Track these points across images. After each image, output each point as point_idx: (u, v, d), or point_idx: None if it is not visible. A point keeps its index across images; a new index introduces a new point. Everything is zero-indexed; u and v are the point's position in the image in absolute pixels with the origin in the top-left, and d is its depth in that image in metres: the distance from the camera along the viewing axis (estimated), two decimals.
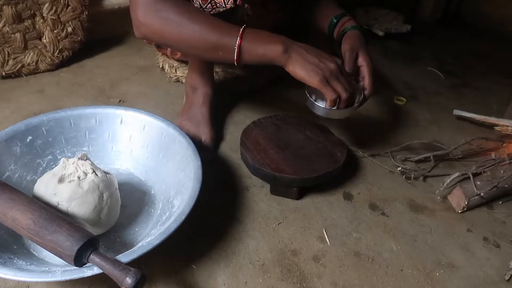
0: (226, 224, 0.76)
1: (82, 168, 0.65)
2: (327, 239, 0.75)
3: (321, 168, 0.80)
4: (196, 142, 0.81)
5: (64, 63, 1.24)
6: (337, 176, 0.84)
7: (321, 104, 0.77)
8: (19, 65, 1.16)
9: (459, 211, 0.82)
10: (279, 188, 0.82)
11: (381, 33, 1.61)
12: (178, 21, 0.68)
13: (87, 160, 0.67)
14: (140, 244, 0.59)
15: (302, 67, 0.68)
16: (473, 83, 1.38)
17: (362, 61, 0.83)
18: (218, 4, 0.73)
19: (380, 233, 0.77)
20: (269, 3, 1.05)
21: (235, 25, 0.69)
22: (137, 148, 0.83)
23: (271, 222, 0.77)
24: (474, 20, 1.89)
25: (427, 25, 1.84)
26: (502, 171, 0.85)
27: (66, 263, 0.54)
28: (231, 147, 0.96)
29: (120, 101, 1.10)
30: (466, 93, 1.31)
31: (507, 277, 0.70)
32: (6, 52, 1.13)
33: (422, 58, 1.53)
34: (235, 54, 0.68)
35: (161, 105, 1.09)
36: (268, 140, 0.87)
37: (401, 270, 0.70)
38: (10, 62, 1.15)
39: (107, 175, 0.68)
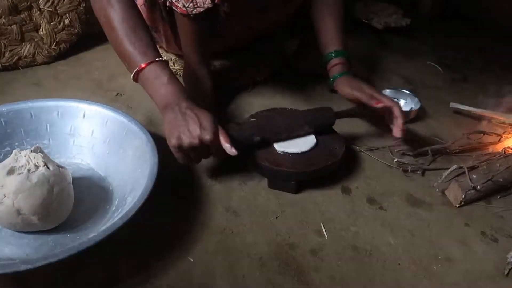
0: (224, 218, 0.75)
1: (34, 161, 0.64)
2: (324, 233, 0.75)
3: (319, 162, 0.80)
4: None
5: (61, 56, 1.24)
6: (335, 170, 0.84)
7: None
8: (16, 58, 1.15)
9: (457, 205, 0.82)
10: (277, 181, 0.81)
11: (380, 27, 1.61)
12: (105, 22, 0.76)
13: (40, 153, 0.66)
14: (81, 240, 0.57)
15: (168, 126, 0.71)
16: (472, 78, 1.37)
17: (386, 103, 0.87)
18: (198, 4, 0.78)
19: (377, 227, 0.77)
20: (263, 6, 1.03)
21: (143, 52, 0.76)
22: (98, 143, 0.81)
23: (269, 215, 0.77)
24: (474, 15, 1.88)
25: (426, 19, 1.84)
26: (498, 165, 0.84)
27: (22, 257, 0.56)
28: None
29: (117, 94, 1.10)
30: (465, 88, 1.31)
31: (506, 271, 0.70)
32: (2, 44, 1.12)
33: (421, 52, 1.52)
34: (132, 78, 0.78)
35: None
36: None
37: (399, 264, 0.70)
38: (7, 55, 1.14)
39: (60, 169, 0.67)
